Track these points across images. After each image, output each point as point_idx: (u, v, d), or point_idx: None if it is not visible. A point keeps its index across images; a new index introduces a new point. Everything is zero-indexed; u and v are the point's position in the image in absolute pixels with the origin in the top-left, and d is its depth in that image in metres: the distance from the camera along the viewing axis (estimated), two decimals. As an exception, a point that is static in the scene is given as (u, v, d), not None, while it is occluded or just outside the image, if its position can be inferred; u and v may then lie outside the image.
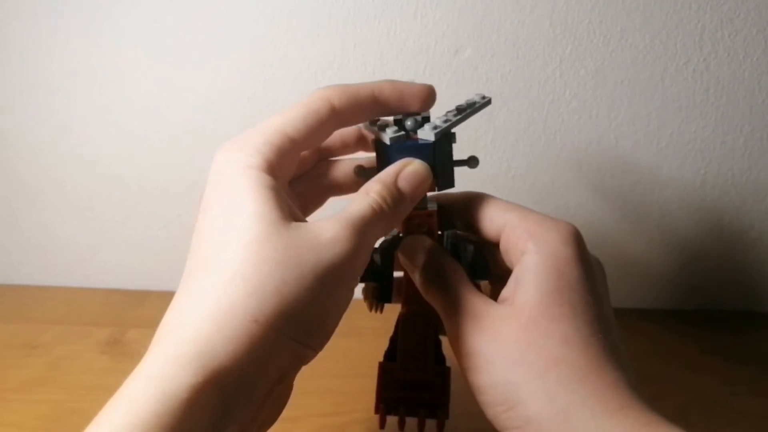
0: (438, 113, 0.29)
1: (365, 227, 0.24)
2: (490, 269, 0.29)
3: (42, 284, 0.59)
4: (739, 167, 0.51)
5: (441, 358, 0.32)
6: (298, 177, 0.31)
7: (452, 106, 0.30)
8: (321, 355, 0.24)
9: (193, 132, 0.52)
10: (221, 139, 0.26)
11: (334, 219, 0.24)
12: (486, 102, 0.30)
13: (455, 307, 0.27)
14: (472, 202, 0.30)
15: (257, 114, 0.50)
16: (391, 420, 0.32)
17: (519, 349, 0.25)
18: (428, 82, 0.29)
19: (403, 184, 0.27)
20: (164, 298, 0.24)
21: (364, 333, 0.34)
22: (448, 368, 0.32)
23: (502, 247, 0.28)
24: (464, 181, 0.30)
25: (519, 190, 0.52)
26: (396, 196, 0.26)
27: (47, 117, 0.53)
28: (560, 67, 0.48)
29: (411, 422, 0.32)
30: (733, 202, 0.52)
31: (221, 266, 0.22)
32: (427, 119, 0.29)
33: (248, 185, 0.24)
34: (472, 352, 0.26)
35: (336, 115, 0.27)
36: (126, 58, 0.50)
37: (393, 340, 0.33)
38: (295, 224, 0.23)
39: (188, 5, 0.48)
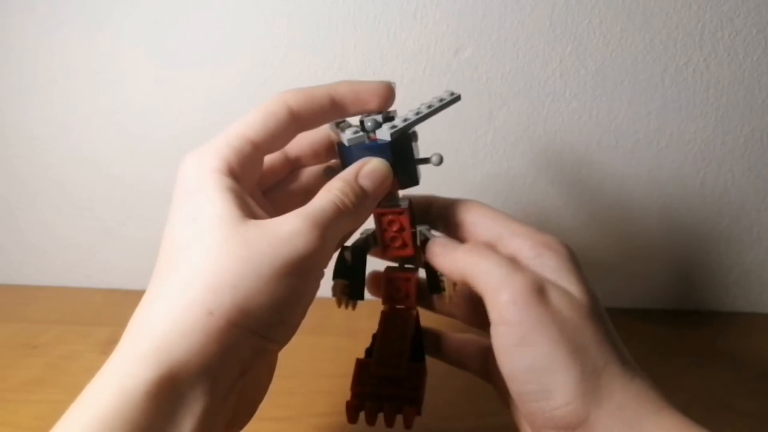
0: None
1: (326, 221, 0.25)
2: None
3: (42, 284, 0.59)
4: (739, 167, 0.51)
5: (420, 354, 0.32)
6: (272, 186, 0.32)
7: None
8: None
9: (193, 132, 0.51)
10: (221, 139, 0.26)
11: (294, 214, 0.25)
12: (454, 99, 0.30)
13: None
14: (465, 209, 0.30)
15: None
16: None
17: (577, 341, 0.25)
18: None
19: (364, 181, 0.27)
20: (164, 298, 0.23)
21: (363, 333, 0.34)
22: (424, 364, 0.32)
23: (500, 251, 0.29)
24: (465, 180, 0.30)
25: (519, 190, 0.52)
26: (358, 193, 0.27)
27: (47, 117, 0.53)
28: (560, 67, 0.48)
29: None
30: (733, 203, 0.52)
31: (182, 266, 0.23)
32: (391, 119, 0.29)
33: (210, 188, 0.25)
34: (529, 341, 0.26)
35: (295, 118, 0.27)
36: (126, 58, 0.50)
37: (375, 337, 0.33)
38: (254, 221, 0.24)
39: (188, 5, 0.48)
